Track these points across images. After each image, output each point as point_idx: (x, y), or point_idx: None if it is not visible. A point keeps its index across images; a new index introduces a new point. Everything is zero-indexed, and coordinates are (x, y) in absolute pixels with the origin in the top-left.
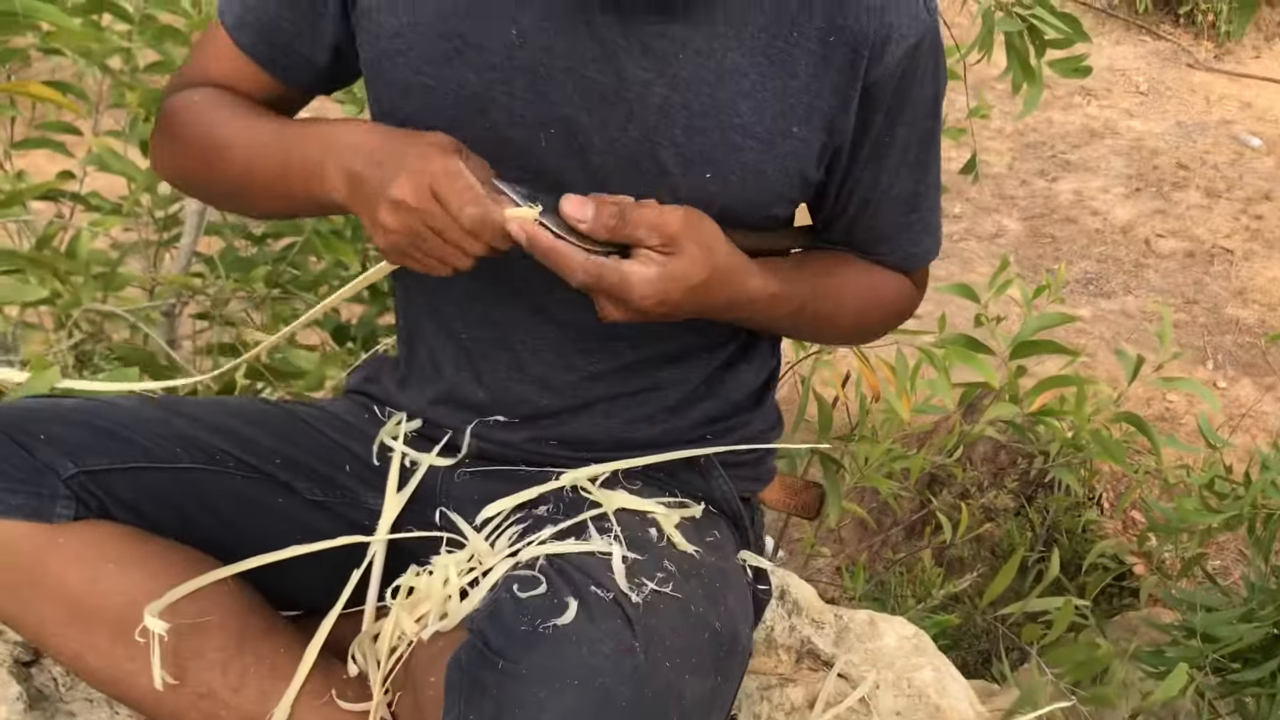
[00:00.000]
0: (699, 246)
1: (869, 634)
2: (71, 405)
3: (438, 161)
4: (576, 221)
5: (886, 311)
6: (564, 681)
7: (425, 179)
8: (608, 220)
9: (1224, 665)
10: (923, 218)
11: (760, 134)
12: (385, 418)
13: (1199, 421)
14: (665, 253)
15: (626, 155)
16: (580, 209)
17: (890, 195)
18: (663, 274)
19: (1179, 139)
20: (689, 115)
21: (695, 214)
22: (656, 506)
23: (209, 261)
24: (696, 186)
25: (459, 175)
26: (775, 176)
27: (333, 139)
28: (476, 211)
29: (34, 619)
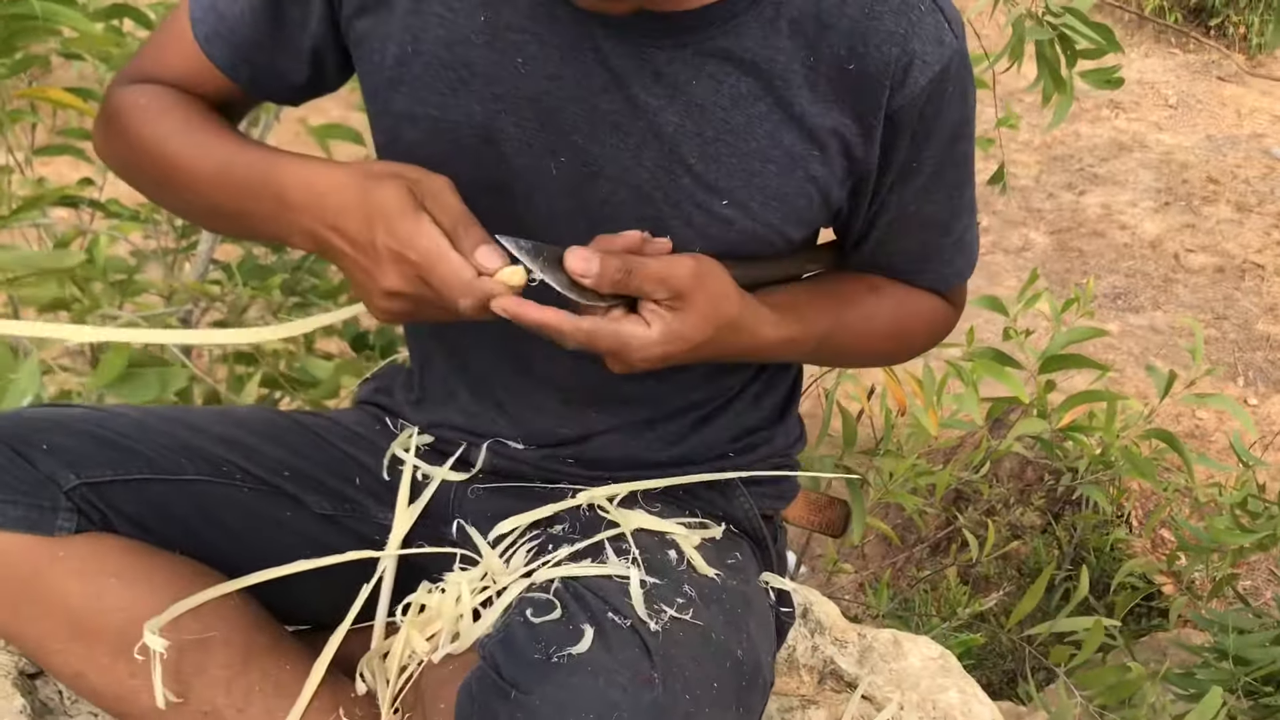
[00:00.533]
0: (706, 301)
1: (893, 654)
2: (74, 414)
3: (413, 245)
4: (580, 276)
5: (922, 333)
6: (578, 715)
7: (411, 269)
8: (613, 275)
9: (1256, 689)
10: (956, 239)
11: (778, 158)
12: (397, 430)
13: (1230, 439)
14: (671, 307)
15: (639, 184)
16: (584, 264)
17: (920, 217)
18: (665, 334)
19: (1209, 152)
20: (703, 142)
21: (706, 264)
22: (676, 527)
23: (226, 269)
24: (714, 213)
25: (441, 260)
26: (796, 200)
27: (283, 191)
28: (471, 303)
29: (34, 635)
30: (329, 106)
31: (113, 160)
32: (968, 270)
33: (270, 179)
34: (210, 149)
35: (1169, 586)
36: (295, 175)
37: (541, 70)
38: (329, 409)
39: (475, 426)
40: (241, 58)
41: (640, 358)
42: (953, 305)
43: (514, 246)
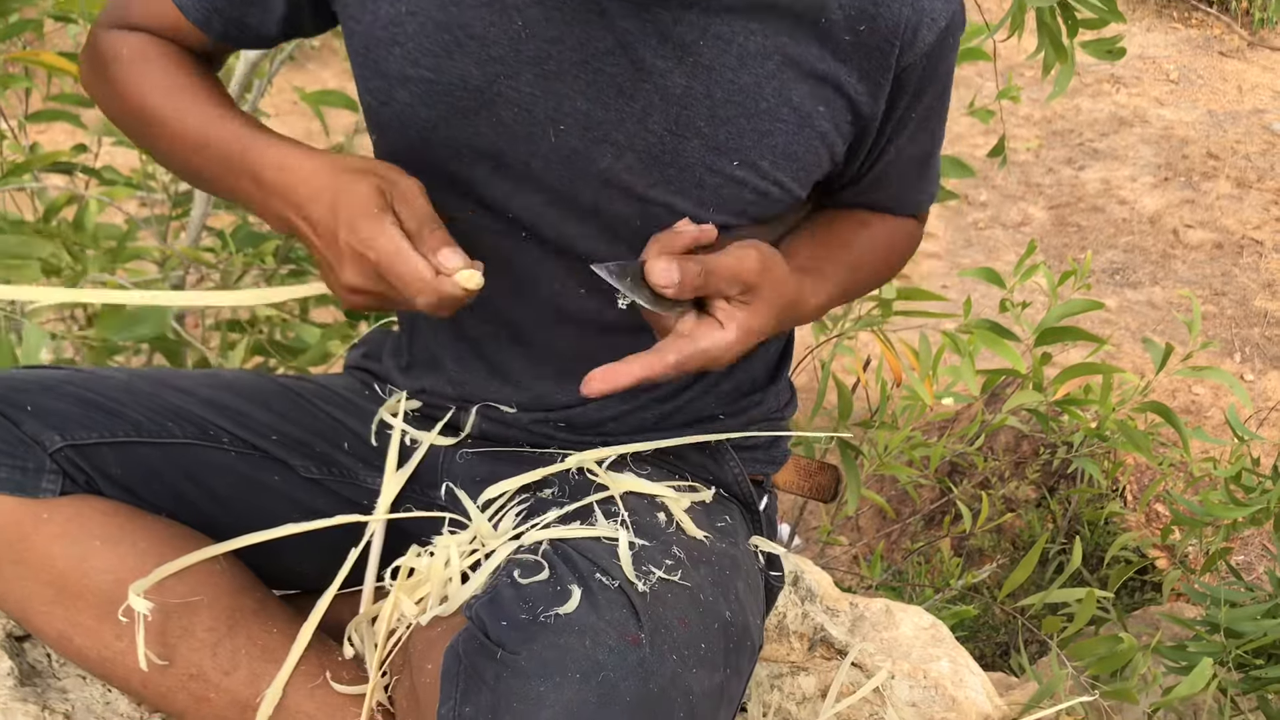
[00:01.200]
0: (772, 289)
1: (885, 623)
2: (60, 376)
3: (372, 246)
4: (663, 289)
5: (901, 255)
6: (565, 675)
7: (370, 266)
8: (693, 282)
9: (1247, 661)
10: (930, 168)
11: (787, 116)
12: (385, 395)
13: (1226, 414)
14: (742, 303)
15: (647, 149)
16: (667, 275)
17: (905, 157)
18: (740, 332)
19: (1209, 128)
20: (712, 103)
21: (767, 252)
22: (665, 490)
23: (220, 236)
24: (725, 175)
25: (399, 259)
26: (805, 158)
27: (258, 173)
28: (429, 301)
29: (18, 597)
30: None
31: (99, 101)
32: (935, 189)
33: (247, 159)
34: (189, 115)
35: (1162, 561)
36: (271, 159)
37: (543, 33)
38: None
39: (465, 392)
40: (215, 11)
41: (721, 361)
42: (921, 223)
43: (604, 272)
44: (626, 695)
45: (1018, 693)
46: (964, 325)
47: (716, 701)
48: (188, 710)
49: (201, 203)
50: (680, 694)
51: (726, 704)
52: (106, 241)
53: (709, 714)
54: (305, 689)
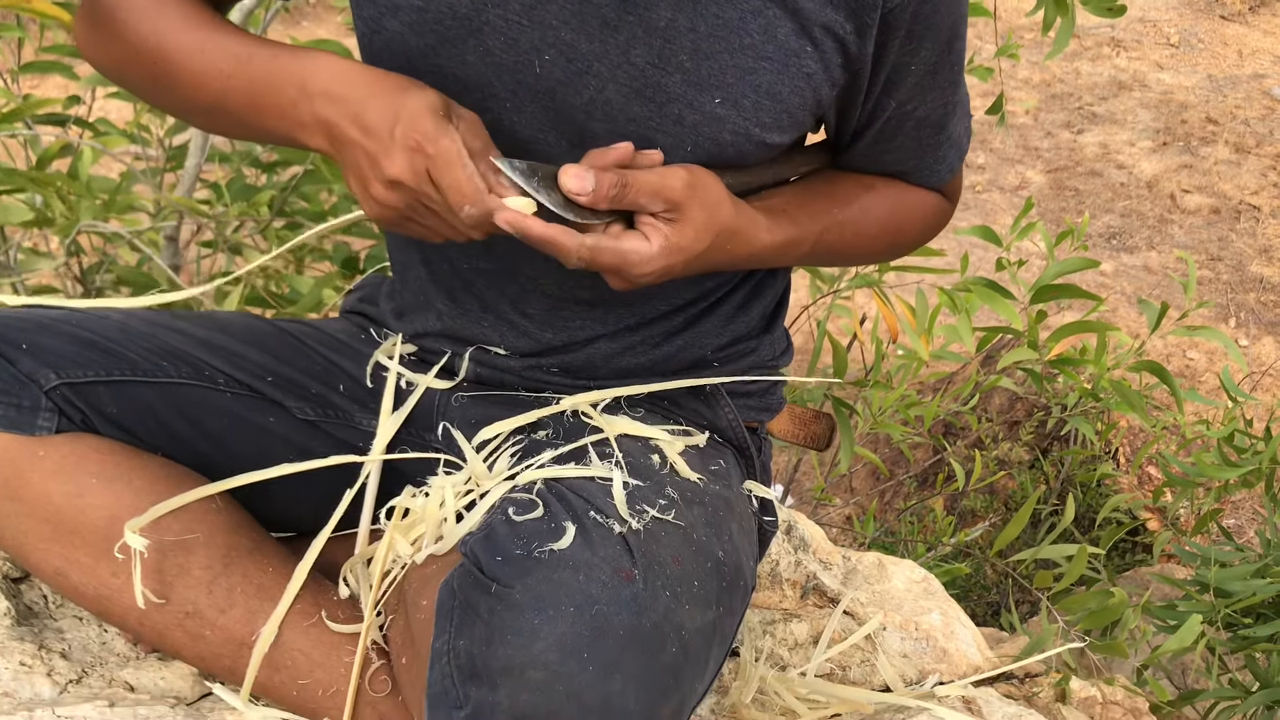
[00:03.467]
0: (703, 210)
1: (877, 576)
2: (55, 315)
3: (434, 141)
4: (576, 195)
5: (917, 227)
6: (558, 608)
7: (422, 161)
8: (608, 192)
9: (1236, 621)
10: (949, 136)
11: (772, 54)
12: (381, 339)
13: (1220, 377)
14: (668, 219)
15: (629, 82)
16: (579, 182)
17: (915, 117)
18: (665, 247)
19: (1209, 92)
20: (696, 38)
21: (698, 174)
22: (660, 433)
23: (215, 188)
24: (706, 112)
25: (456, 162)
26: (790, 99)
27: (307, 80)
28: (475, 213)
29: (15, 534)
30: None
31: (100, 59)
32: (958, 163)
33: (297, 68)
34: (217, 44)
35: (1153, 522)
36: (324, 65)
37: None
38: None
39: (457, 332)
40: None
41: (640, 273)
42: (947, 197)
43: (508, 167)
44: (619, 629)
45: (1008, 646)
46: (961, 283)
47: (709, 638)
48: (184, 648)
49: (196, 154)
50: (673, 629)
51: (719, 641)
52: (100, 194)
53: (701, 650)
54: (301, 627)
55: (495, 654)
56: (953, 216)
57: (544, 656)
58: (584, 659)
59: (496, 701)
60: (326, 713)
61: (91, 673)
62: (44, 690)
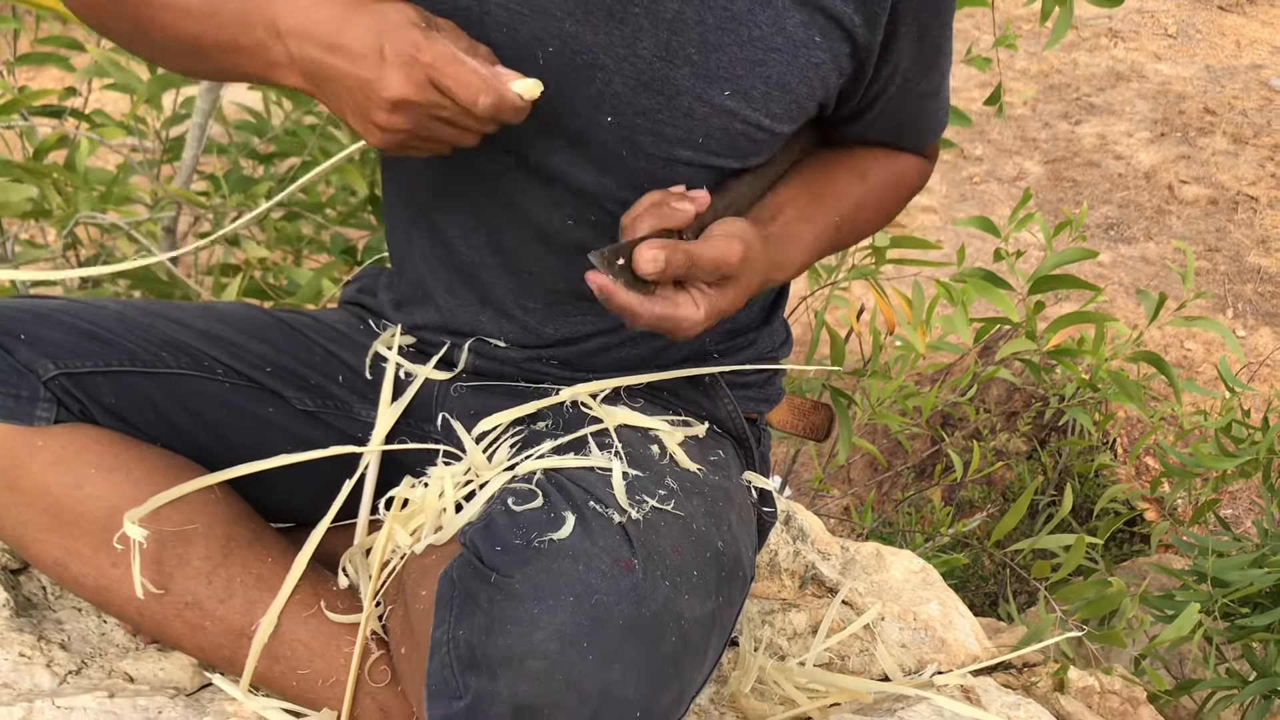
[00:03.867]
0: (748, 275)
1: (875, 566)
2: (53, 305)
3: (426, 49)
4: (649, 276)
5: (905, 195)
6: (558, 598)
7: (420, 71)
8: (676, 271)
9: (1233, 610)
10: (937, 100)
11: (781, 45)
12: (380, 330)
13: (1218, 368)
14: (719, 288)
15: (636, 75)
16: (654, 265)
17: (915, 92)
18: (710, 313)
19: (1207, 83)
20: (704, 30)
21: (750, 241)
22: (659, 423)
23: (212, 179)
24: (715, 105)
25: (454, 60)
26: (798, 89)
27: (276, 17)
28: (491, 101)
29: (15, 524)
30: None
31: (84, 7)
32: (942, 127)
33: (266, 6)
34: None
35: (1151, 513)
36: (292, 2)
37: None
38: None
39: (456, 324)
40: None
41: (686, 333)
42: (929, 159)
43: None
44: (619, 619)
45: (1006, 636)
46: (958, 274)
47: (708, 628)
48: (183, 638)
49: (193, 145)
50: (672, 619)
51: (718, 631)
52: (97, 186)
53: (700, 639)
54: (300, 618)
55: (495, 644)
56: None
57: (544, 646)
58: (584, 648)
59: (496, 691)
60: (326, 703)
61: (91, 664)
62: (44, 681)
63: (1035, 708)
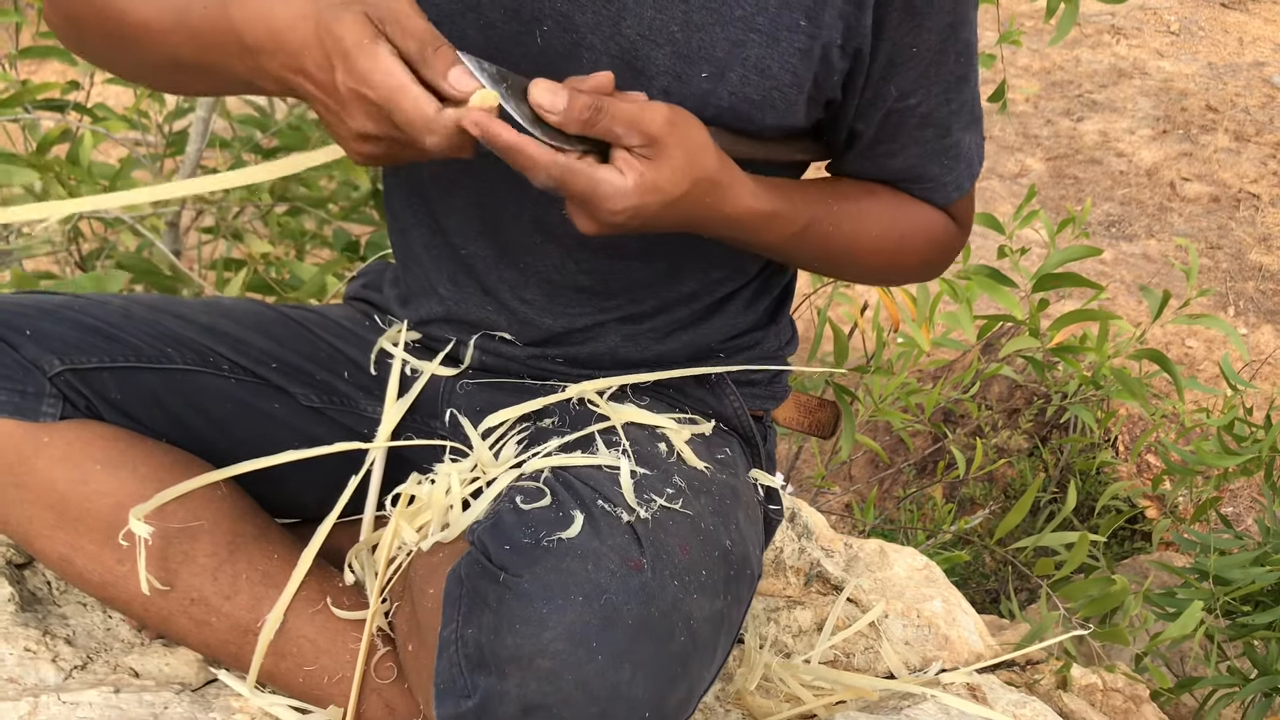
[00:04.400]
0: (683, 151)
1: (879, 563)
2: (59, 301)
3: (370, 84)
4: (545, 112)
5: (922, 244)
6: (567, 597)
7: (374, 108)
8: (581, 113)
9: (1235, 609)
10: (955, 143)
11: (762, 26)
12: (385, 325)
13: (1220, 365)
14: (644, 156)
15: (620, 54)
16: (551, 98)
17: (917, 114)
18: (640, 183)
19: (1209, 80)
20: (688, 8)
21: (682, 113)
22: (666, 421)
23: (215, 173)
24: (693, 85)
25: (400, 92)
26: (780, 75)
27: (242, 34)
28: (437, 140)
29: (20, 520)
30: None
31: (62, 26)
32: (968, 182)
33: (230, 22)
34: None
35: (1152, 511)
36: (252, 14)
37: None
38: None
39: (460, 317)
40: None
41: (610, 208)
42: (957, 222)
43: (476, 67)
44: (628, 618)
45: (1009, 633)
46: (962, 271)
47: (717, 627)
48: (189, 634)
49: (196, 139)
50: (681, 618)
51: (726, 630)
52: (101, 179)
53: (709, 638)
54: (306, 614)
55: (504, 643)
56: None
57: (553, 645)
58: (593, 648)
59: (505, 691)
60: (332, 700)
61: (96, 659)
62: (49, 676)
63: (1040, 705)
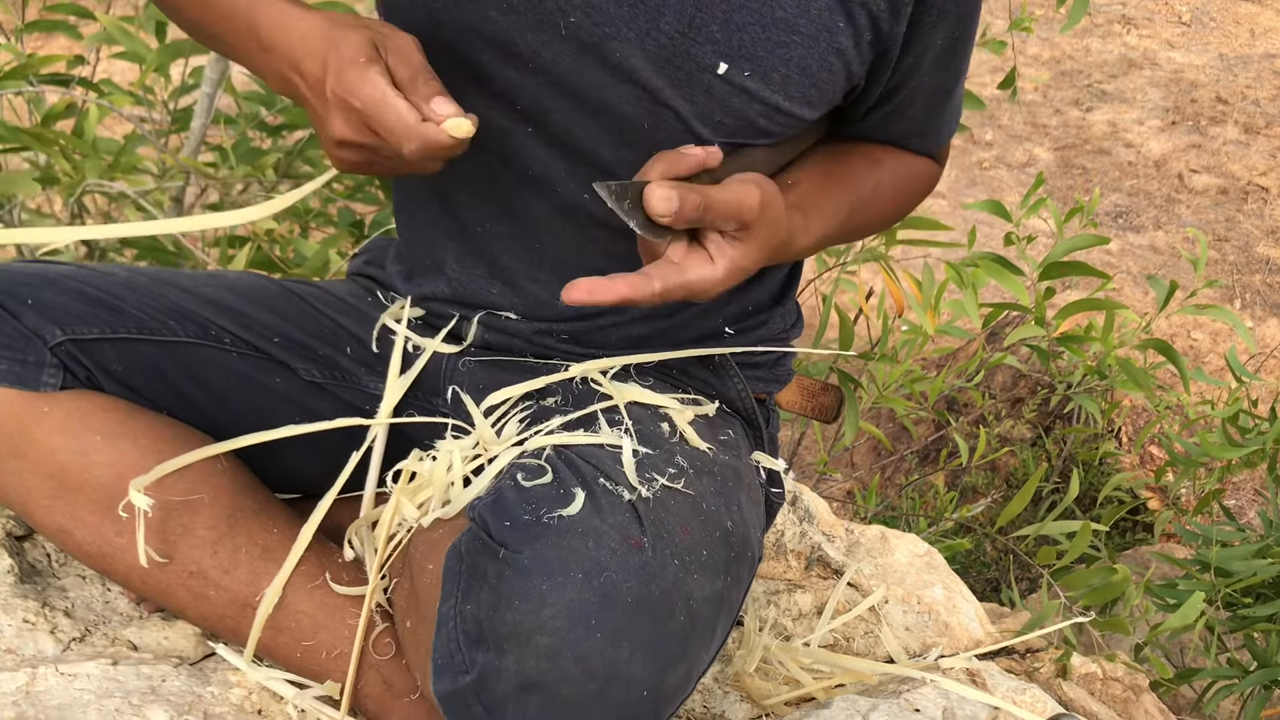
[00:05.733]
0: (766, 229)
1: (880, 549)
2: (61, 271)
3: (357, 95)
4: (660, 217)
5: (917, 195)
6: (567, 574)
7: (355, 116)
8: (690, 214)
9: (1235, 600)
10: (952, 103)
11: (804, 28)
12: (388, 302)
13: (1226, 357)
14: (735, 239)
15: (658, 50)
16: (666, 205)
17: (929, 88)
18: (729, 270)
19: (1220, 72)
20: (728, 8)
21: (769, 191)
22: (670, 401)
23: (220, 151)
24: (735, 85)
25: (382, 107)
26: (819, 74)
27: (258, 28)
28: (416, 148)
29: (19, 490)
30: None
31: None
32: (955, 126)
33: (252, 17)
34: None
35: (1154, 502)
36: (273, 17)
37: None
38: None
39: (465, 296)
40: None
41: (706, 296)
42: (939, 163)
43: (604, 192)
44: (628, 597)
45: (1009, 621)
46: (968, 258)
47: (716, 607)
48: (187, 607)
49: (201, 115)
50: (681, 598)
51: (726, 611)
52: (105, 156)
53: (709, 619)
54: (305, 589)
55: (503, 619)
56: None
57: (552, 623)
58: (592, 625)
59: (503, 667)
60: (330, 675)
61: (94, 631)
62: (47, 648)
63: (1039, 693)
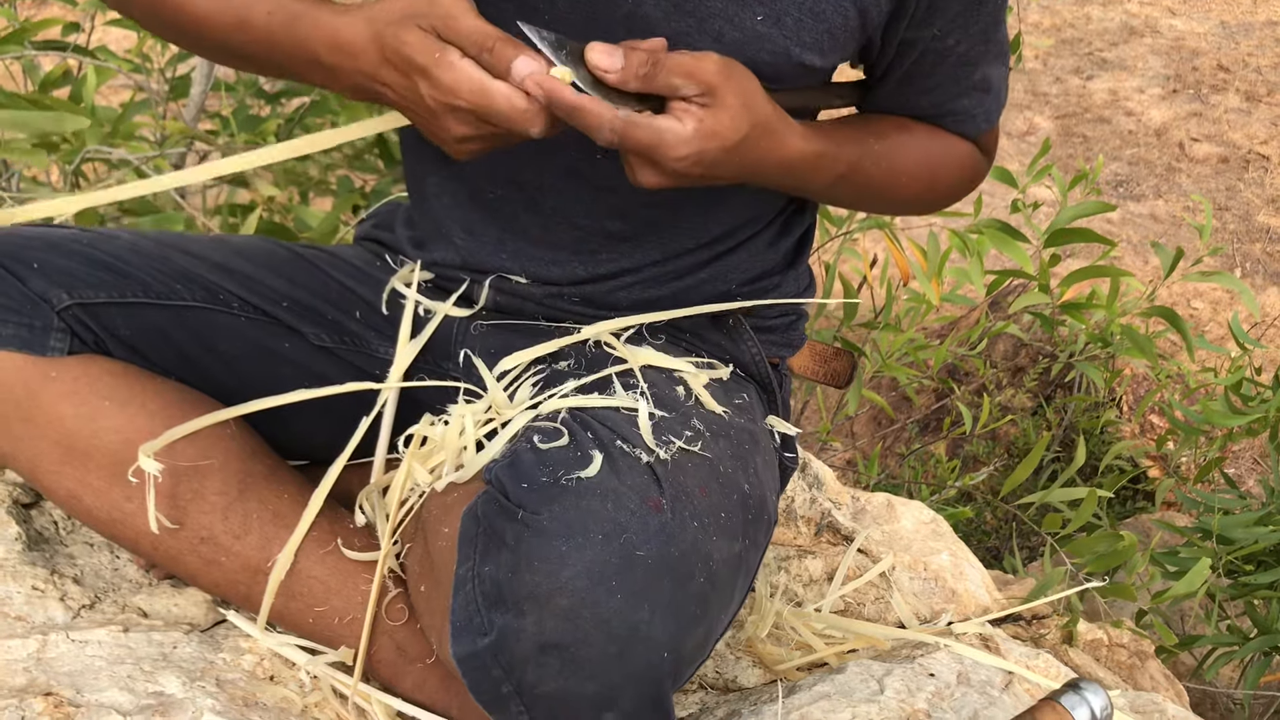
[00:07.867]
0: (738, 99)
1: (886, 516)
2: (67, 235)
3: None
4: (604, 72)
5: (953, 175)
6: (587, 536)
7: (466, 114)
8: (639, 69)
9: (1237, 568)
10: (983, 79)
11: None
12: (397, 266)
13: (1229, 325)
14: (702, 104)
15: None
16: (608, 58)
17: (952, 53)
18: (700, 130)
19: (1221, 39)
20: None
21: (733, 63)
22: (685, 365)
23: (220, 119)
24: (747, 29)
25: (489, 97)
26: (832, 18)
27: (311, 46)
28: (540, 128)
29: (28, 456)
30: None
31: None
32: (996, 114)
33: (297, 37)
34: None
35: (1155, 470)
36: (321, 37)
37: None
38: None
39: (475, 262)
40: None
41: (674, 155)
42: (984, 152)
43: (535, 36)
44: (648, 558)
45: (1015, 587)
46: (973, 225)
47: (735, 570)
48: (198, 573)
49: (201, 82)
50: (700, 560)
51: (744, 573)
52: (104, 124)
53: (728, 581)
54: (316, 554)
55: (522, 580)
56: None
57: (572, 584)
58: (612, 587)
59: (522, 628)
60: (343, 641)
61: (104, 598)
62: (57, 615)
63: (1050, 658)
